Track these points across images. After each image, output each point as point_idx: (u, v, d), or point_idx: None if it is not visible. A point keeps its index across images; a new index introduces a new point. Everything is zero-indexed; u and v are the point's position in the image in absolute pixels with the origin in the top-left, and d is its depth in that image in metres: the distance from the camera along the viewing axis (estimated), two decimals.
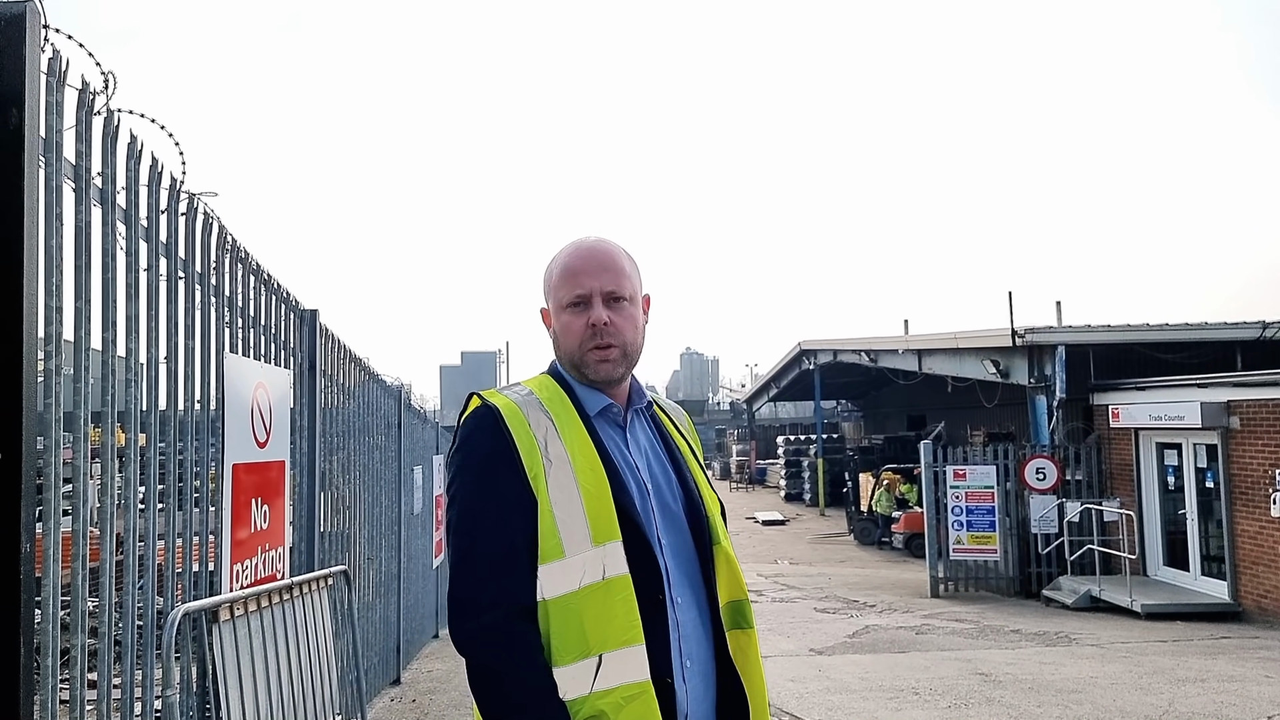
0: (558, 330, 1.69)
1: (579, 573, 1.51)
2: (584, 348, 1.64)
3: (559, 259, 1.71)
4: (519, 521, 1.55)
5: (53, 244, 2.21)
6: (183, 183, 3.04)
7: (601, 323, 1.63)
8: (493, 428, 1.59)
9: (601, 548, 1.52)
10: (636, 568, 1.54)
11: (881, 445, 27.56)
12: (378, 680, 6.41)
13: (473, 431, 1.61)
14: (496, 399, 1.64)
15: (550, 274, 1.71)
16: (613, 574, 1.52)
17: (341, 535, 5.31)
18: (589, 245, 1.70)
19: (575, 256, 1.69)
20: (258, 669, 3.30)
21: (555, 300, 1.68)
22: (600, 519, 1.54)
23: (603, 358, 1.64)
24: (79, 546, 2.35)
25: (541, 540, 1.54)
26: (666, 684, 1.53)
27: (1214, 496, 11.79)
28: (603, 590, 1.51)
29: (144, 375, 2.78)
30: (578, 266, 1.67)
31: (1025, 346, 14.12)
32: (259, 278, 3.89)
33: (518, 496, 1.55)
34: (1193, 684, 7.38)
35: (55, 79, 2.21)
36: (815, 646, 9.48)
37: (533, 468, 1.56)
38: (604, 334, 1.63)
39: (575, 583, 1.51)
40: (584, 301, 1.65)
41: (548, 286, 1.72)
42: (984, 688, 7.31)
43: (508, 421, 1.59)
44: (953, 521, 13.68)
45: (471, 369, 49.45)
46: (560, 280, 1.67)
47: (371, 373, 6.50)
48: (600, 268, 1.66)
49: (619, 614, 1.51)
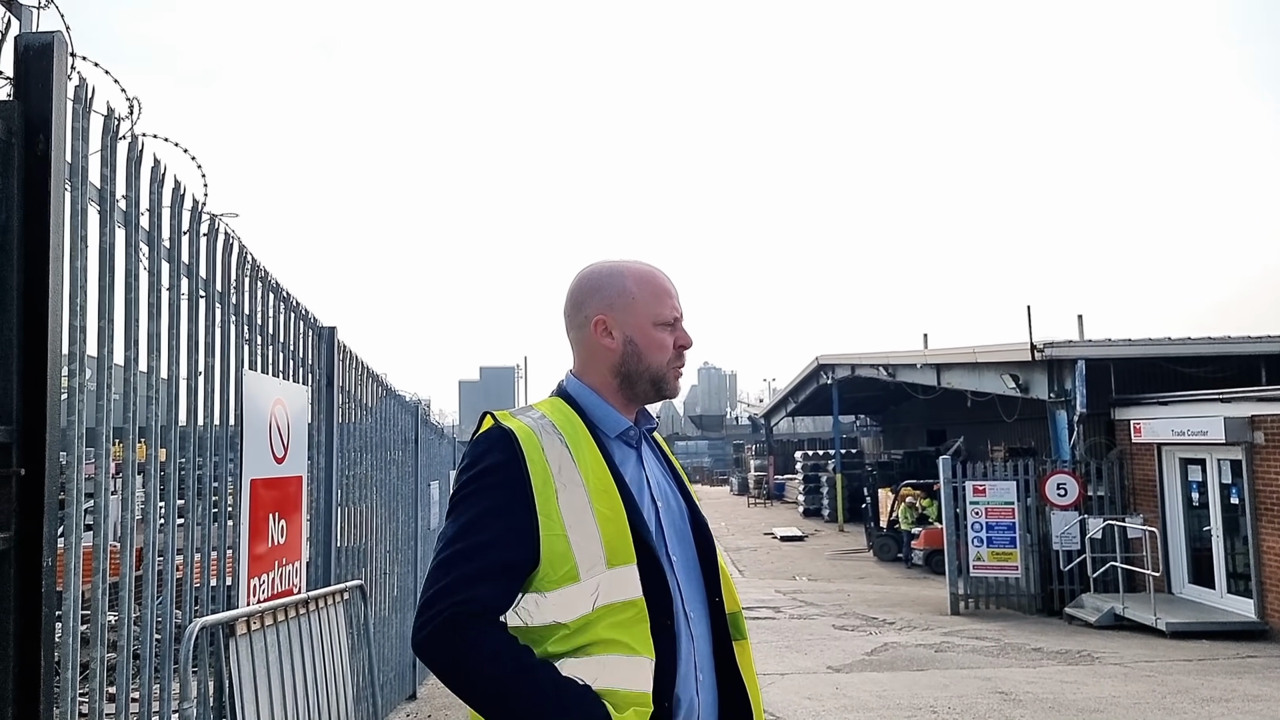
0: (642, 344, 1.71)
1: (592, 596, 1.53)
2: (671, 364, 1.73)
3: (641, 275, 1.75)
4: (511, 544, 1.53)
5: (77, 265, 2.26)
6: (204, 204, 3.10)
7: (690, 345, 1.75)
8: (506, 451, 1.58)
9: (616, 570, 1.54)
10: (650, 591, 1.56)
11: (901, 460, 27.37)
12: (393, 696, 6.43)
13: (485, 453, 1.60)
14: (512, 422, 1.63)
15: (628, 286, 1.73)
16: (627, 597, 1.54)
17: (358, 550, 5.34)
18: (662, 270, 1.79)
19: (662, 278, 1.77)
20: (274, 683, 3.33)
21: (648, 314, 1.72)
22: (616, 542, 1.56)
23: (679, 374, 1.76)
24: (99, 561, 2.39)
25: (555, 565, 1.54)
26: (664, 707, 1.55)
27: (1239, 513, 11.63)
28: (616, 612, 1.54)
29: (165, 392, 2.83)
30: (670, 289, 1.76)
31: (1045, 361, 14.02)
32: (278, 296, 3.95)
33: (517, 523, 1.54)
34: (1217, 704, 7.27)
35: (82, 105, 2.26)
36: (833, 664, 9.41)
37: (544, 494, 1.56)
38: (683, 357, 1.76)
39: (589, 605, 1.53)
40: (676, 322, 1.74)
41: (625, 298, 1.72)
42: (1004, 707, 7.23)
43: (523, 445, 1.58)
44: (973, 538, 13.55)
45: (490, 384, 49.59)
46: (653, 297, 1.73)
47: (389, 388, 6.55)
48: (678, 293, 1.78)
49: (630, 632, 1.54)
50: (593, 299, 1.73)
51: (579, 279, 1.77)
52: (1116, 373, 13.93)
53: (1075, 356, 13.81)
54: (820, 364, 28.09)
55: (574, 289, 1.77)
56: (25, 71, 1.99)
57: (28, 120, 1.98)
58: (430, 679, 7.85)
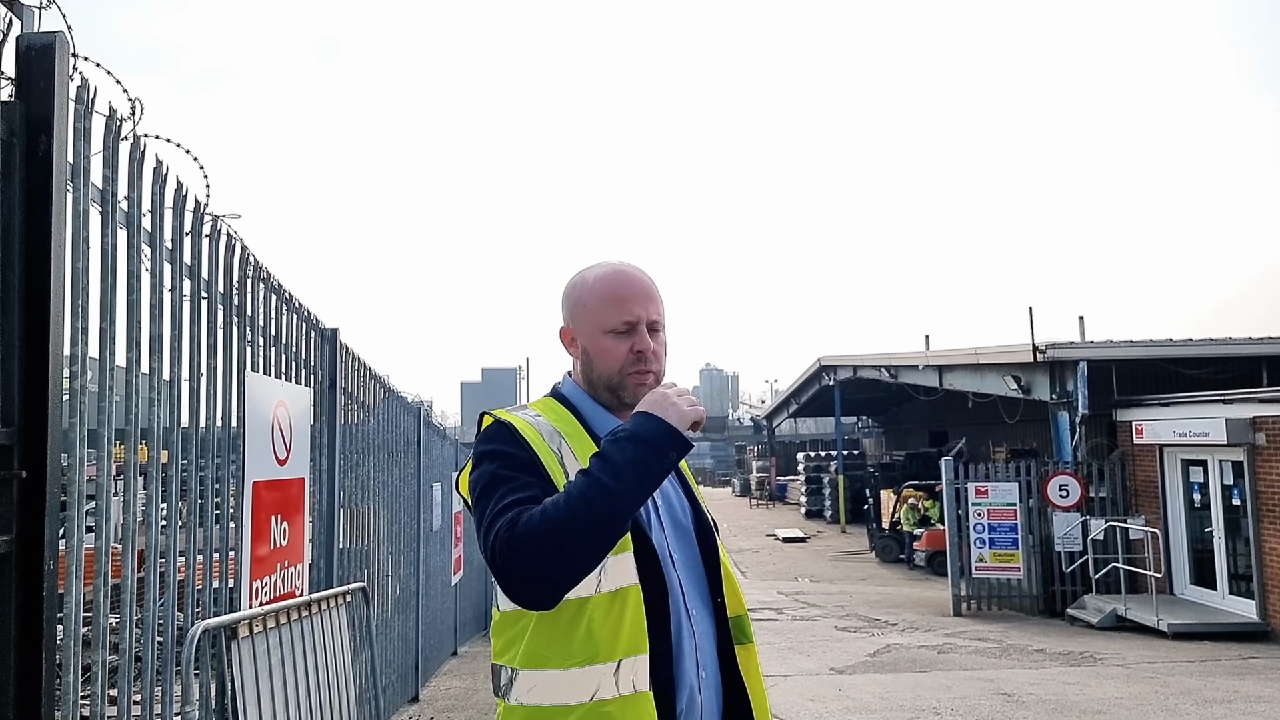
0: (593, 353, 1.69)
1: (594, 580, 1.53)
2: (624, 372, 1.67)
3: (597, 281, 1.70)
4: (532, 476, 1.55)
5: (79, 266, 2.26)
6: (207, 205, 3.10)
7: (650, 351, 1.67)
8: (510, 437, 1.61)
9: (613, 557, 1.54)
10: (645, 580, 1.56)
11: (903, 462, 27.33)
12: (396, 698, 6.42)
13: (495, 436, 1.62)
14: (510, 417, 1.66)
15: (584, 295, 1.70)
16: (624, 584, 1.54)
17: (360, 552, 5.33)
18: (629, 271, 1.71)
19: (619, 282, 1.69)
20: (276, 686, 3.32)
21: (595, 323, 1.68)
22: None
23: (641, 382, 1.67)
24: (101, 563, 2.38)
25: None
26: (666, 697, 1.54)
27: (1241, 514, 11.61)
28: (613, 599, 1.53)
29: (167, 393, 2.82)
30: (625, 293, 1.68)
31: (1047, 362, 14.00)
32: (280, 297, 3.94)
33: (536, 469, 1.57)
34: (1220, 705, 7.26)
35: (84, 106, 2.26)
36: (836, 665, 9.40)
37: (550, 465, 1.58)
38: (647, 361, 1.67)
39: (591, 589, 1.53)
40: (630, 328, 1.67)
41: (580, 308, 1.71)
42: (1007, 708, 7.21)
43: (525, 435, 1.61)
44: (975, 539, 13.54)
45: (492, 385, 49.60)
46: (603, 304, 1.68)
47: (391, 390, 6.55)
48: (645, 296, 1.69)
49: (627, 623, 1.53)
50: (563, 309, 1.76)
51: (563, 288, 1.79)
52: (1118, 374, 13.92)
53: (1077, 358, 13.79)
54: (822, 365, 28.08)
55: (561, 298, 1.80)
56: (27, 71, 1.98)
57: (29, 120, 1.97)
58: (433, 680, 7.84)
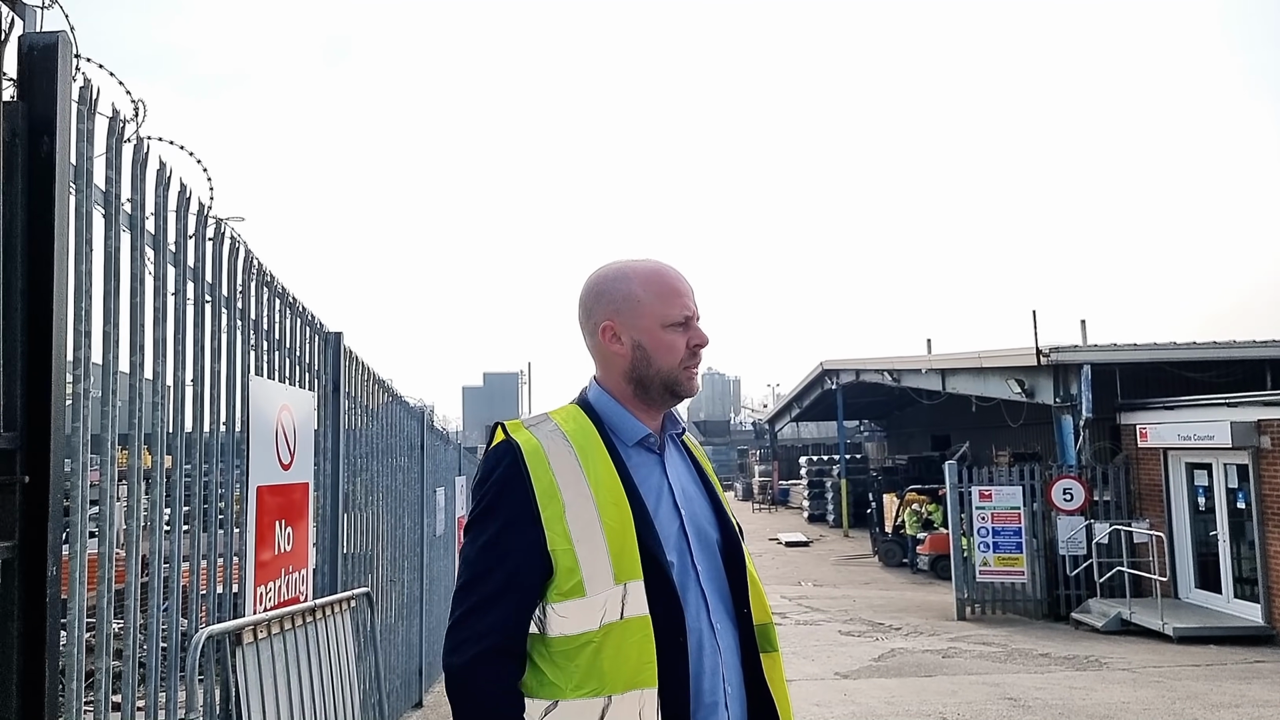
0: (651, 347, 1.66)
1: (600, 611, 1.50)
2: (683, 365, 1.67)
3: (650, 275, 1.68)
4: (522, 559, 1.54)
5: (82, 269, 2.24)
6: (210, 208, 3.08)
7: (707, 343, 1.68)
8: (511, 466, 1.58)
9: (623, 586, 1.51)
10: (657, 608, 1.53)
11: (905, 466, 27.28)
12: (400, 703, 6.40)
13: (493, 469, 1.60)
14: (519, 434, 1.62)
15: (633, 290, 1.67)
16: (632, 614, 1.51)
17: (364, 557, 5.31)
18: (672, 268, 1.72)
19: (672, 276, 1.70)
20: (280, 692, 3.30)
21: (655, 317, 1.65)
22: (623, 557, 1.53)
23: (693, 375, 1.69)
24: (105, 569, 2.36)
25: (563, 579, 1.53)
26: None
27: (1245, 517, 11.57)
28: (621, 630, 1.50)
29: (170, 398, 2.81)
30: (681, 287, 1.69)
31: (1050, 366, 13.97)
32: (284, 301, 3.92)
33: (527, 539, 1.55)
34: (1227, 709, 7.22)
35: (86, 107, 2.25)
36: (840, 670, 9.36)
37: (550, 508, 1.55)
38: (698, 355, 1.68)
39: (596, 621, 1.50)
40: (687, 322, 1.67)
41: (630, 302, 1.67)
42: (1013, 713, 7.18)
43: (527, 461, 1.57)
44: (979, 543, 13.50)
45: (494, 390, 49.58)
46: (660, 298, 1.66)
47: (395, 394, 6.53)
48: (692, 291, 1.71)
49: (633, 655, 1.50)
50: (599, 304, 1.70)
51: (586, 284, 1.73)
52: (1122, 377, 13.88)
53: (1081, 361, 13.76)
54: (825, 369, 28.04)
55: (583, 295, 1.73)
56: (29, 72, 1.96)
57: (32, 121, 1.95)
58: (437, 686, 7.82)
